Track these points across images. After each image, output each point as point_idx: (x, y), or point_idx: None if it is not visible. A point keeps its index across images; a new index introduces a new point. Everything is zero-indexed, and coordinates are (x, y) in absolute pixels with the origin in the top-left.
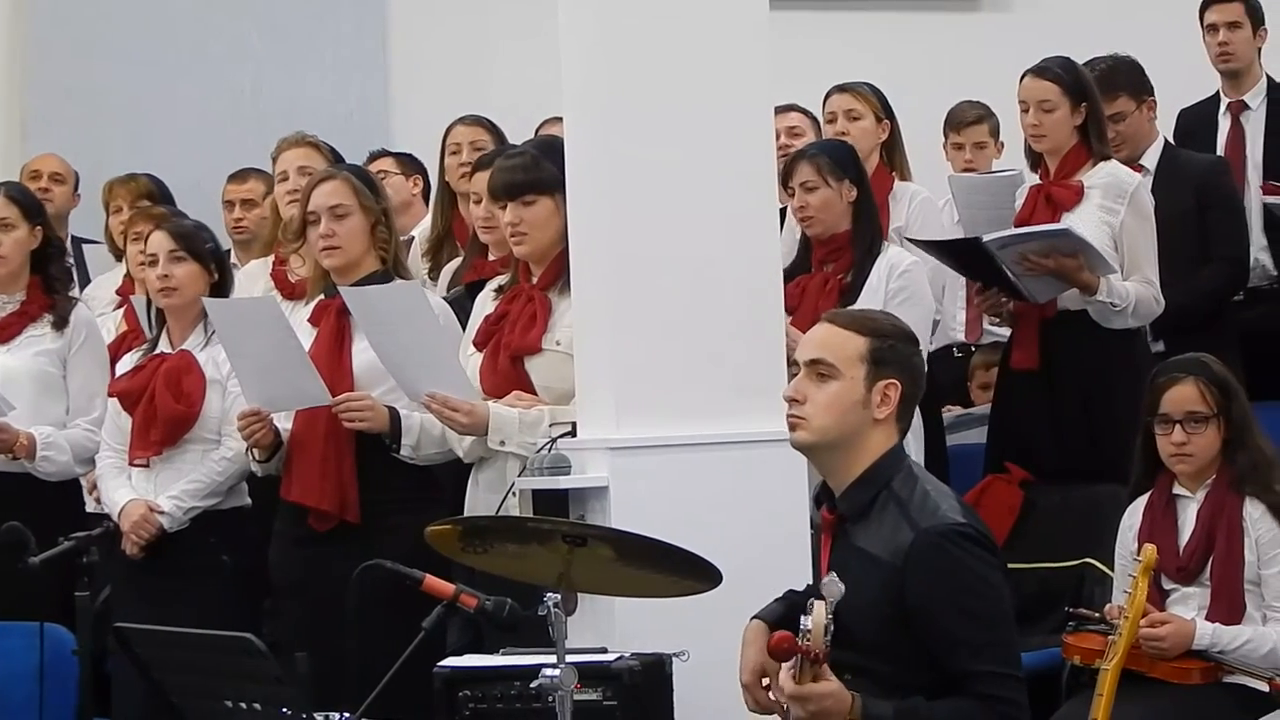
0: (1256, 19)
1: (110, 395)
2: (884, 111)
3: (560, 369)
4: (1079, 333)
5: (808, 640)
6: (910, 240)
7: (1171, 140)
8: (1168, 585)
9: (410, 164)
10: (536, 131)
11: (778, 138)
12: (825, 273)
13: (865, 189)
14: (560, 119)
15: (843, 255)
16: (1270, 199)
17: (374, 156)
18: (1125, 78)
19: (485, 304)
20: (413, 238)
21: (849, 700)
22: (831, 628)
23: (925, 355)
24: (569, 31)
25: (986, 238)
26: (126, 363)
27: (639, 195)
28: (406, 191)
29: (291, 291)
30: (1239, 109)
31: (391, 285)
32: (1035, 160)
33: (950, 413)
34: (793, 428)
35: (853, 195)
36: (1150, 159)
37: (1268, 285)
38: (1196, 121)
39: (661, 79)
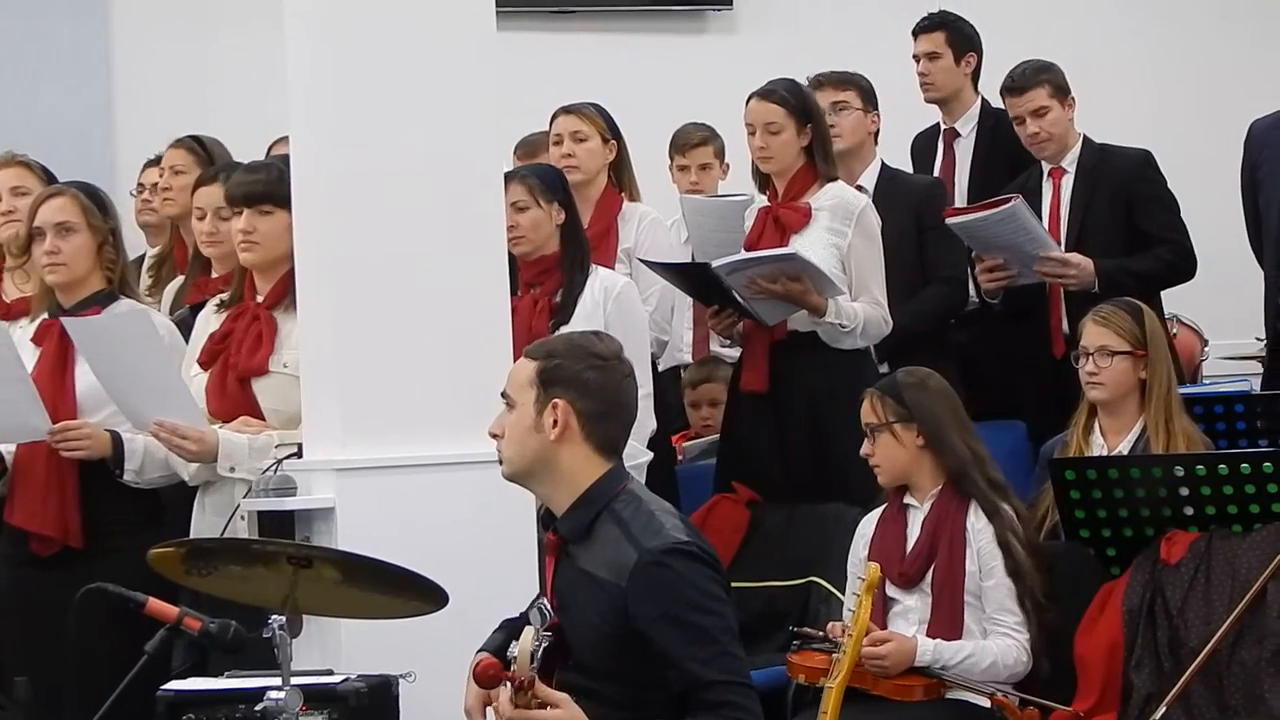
0: (960, 47)
1: None
2: (610, 132)
3: (287, 391)
4: (807, 354)
5: (514, 667)
6: (641, 261)
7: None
8: (892, 593)
9: None
10: (268, 151)
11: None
12: (534, 293)
13: (573, 213)
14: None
15: (551, 277)
16: (954, 220)
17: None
18: None
19: (208, 320)
20: (142, 256)
21: None
22: (539, 654)
23: (648, 371)
24: (294, 48)
25: (715, 263)
26: None
27: (365, 213)
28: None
29: (8, 312)
30: (951, 136)
31: (116, 315)
32: (764, 182)
33: (684, 451)
34: (500, 462)
35: (561, 218)
36: (869, 179)
37: (974, 308)
38: (923, 147)
39: (388, 97)
